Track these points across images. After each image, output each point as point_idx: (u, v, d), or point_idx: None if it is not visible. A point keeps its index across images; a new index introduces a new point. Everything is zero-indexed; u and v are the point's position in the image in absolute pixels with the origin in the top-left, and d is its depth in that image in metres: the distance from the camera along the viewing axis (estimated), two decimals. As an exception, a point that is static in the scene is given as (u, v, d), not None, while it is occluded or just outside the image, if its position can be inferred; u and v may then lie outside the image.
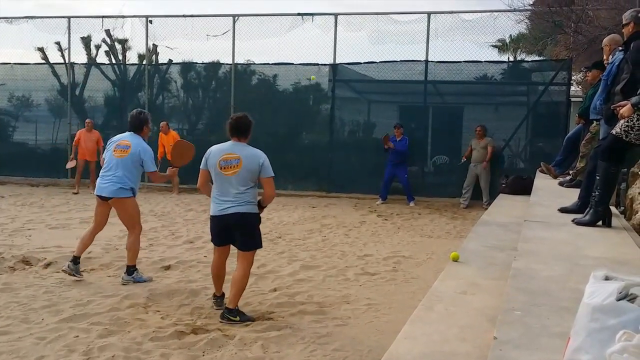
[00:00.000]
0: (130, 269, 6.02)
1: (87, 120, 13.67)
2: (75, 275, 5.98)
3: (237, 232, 5.02)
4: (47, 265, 6.55)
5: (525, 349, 2.15)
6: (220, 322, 4.83)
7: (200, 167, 5.06)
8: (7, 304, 5.15)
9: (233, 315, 4.86)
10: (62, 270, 5.99)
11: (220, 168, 4.89)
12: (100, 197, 6.09)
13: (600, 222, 4.61)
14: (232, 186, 4.89)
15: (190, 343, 4.33)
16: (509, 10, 12.46)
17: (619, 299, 1.74)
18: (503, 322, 2.43)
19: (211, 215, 5.06)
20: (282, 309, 5.24)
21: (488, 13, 12.74)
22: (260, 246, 5.21)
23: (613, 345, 1.60)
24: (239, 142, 4.99)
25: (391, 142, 12.47)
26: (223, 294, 5.24)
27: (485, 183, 12.31)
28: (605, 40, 6.34)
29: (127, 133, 6.19)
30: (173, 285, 5.89)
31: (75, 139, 13.41)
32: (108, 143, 6.26)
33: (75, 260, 6.04)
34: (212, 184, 5.03)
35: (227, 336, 4.49)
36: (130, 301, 5.31)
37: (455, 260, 4.50)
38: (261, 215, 5.23)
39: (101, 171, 6.12)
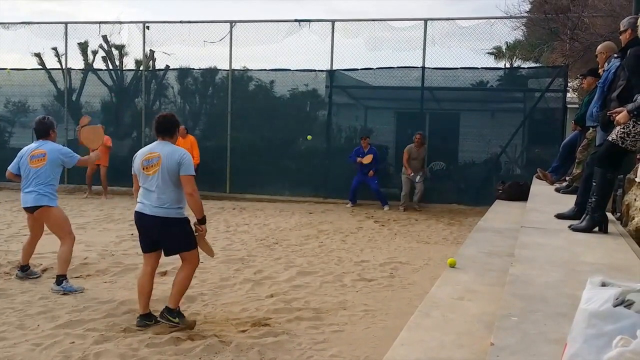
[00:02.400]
0: (60, 279, 5.82)
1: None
2: (30, 277, 6.18)
3: (160, 237, 4.82)
4: (43, 271, 6.53)
5: (522, 355, 2.15)
6: (160, 320, 4.77)
7: (132, 171, 4.92)
8: (2, 310, 5.13)
9: (172, 316, 4.75)
10: (15, 278, 6.16)
11: (143, 168, 4.75)
12: (26, 209, 6.08)
13: (596, 228, 4.61)
14: (154, 186, 4.68)
15: (187, 349, 4.32)
16: (505, 17, 12.53)
17: (615, 305, 1.74)
18: (500, 328, 2.42)
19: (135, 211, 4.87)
20: (279, 315, 5.22)
21: (484, 20, 12.78)
22: (194, 246, 4.88)
23: (610, 351, 1.60)
24: (162, 140, 4.83)
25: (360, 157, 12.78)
26: (149, 313, 4.90)
27: (419, 188, 12.51)
28: (600, 48, 6.37)
29: (36, 142, 6.13)
30: (169, 292, 5.85)
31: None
32: (18, 156, 6.12)
33: (23, 268, 6.22)
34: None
35: (223, 342, 4.48)
36: (127, 307, 5.29)
37: (452, 266, 4.50)
38: (201, 232, 4.89)
39: (21, 184, 6.06)
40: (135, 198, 4.93)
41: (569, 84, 13.39)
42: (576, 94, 15.03)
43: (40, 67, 16.08)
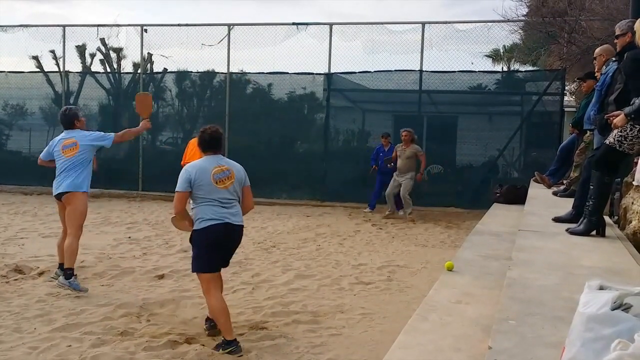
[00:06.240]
0: (68, 272, 5.82)
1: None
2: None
3: (235, 247, 4.75)
4: (40, 274, 6.50)
5: (520, 358, 2.15)
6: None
7: (179, 189, 4.50)
8: (-1, 313, 5.12)
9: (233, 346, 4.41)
10: (52, 278, 6.02)
11: (216, 182, 4.50)
12: (57, 197, 6.11)
13: (594, 232, 4.62)
14: (230, 198, 4.58)
15: (184, 352, 4.30)
16: (502, 21, 12.55)
17: (613, 309, 1.74)
18: (498, 331, 2.42)
19: (210, 225, 4.46)
20: (277, 319, 5.21)
21: (482, 23, 12.82)
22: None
23: (608, 354, 1.60)
24: (216, 154, 4.67)
25: (381, 154, 12.44)
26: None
27: (404, 191, 11.54)
28: (598, 50, 6.38)
29: (64, 132, 6.25)
30: (166, 295, 5.85)
31: None
32: (49, 145, 6.26)
33: (62, 266, 6.08)
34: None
35: (220, 346, 4.46)
36: (124, 310, 5.28)
37: (450, 269, 4.49)
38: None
39: (56, 173, 6.12)
40: (187, 220, 4.66)
41: (566, 87, 13.43)
42: (573, 97, 15.06)
43: (38, 70, 16.08)
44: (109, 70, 16.14)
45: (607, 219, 5.28)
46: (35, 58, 16.09)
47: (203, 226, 4.48)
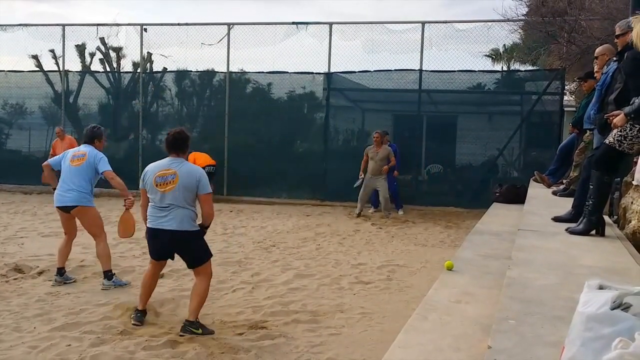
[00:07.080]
0: (109, 274, 6.14)
1: (57, 129, 13.18)
2: (67, 282, 6.18)
3: (177, 250, 4.86)
4: (40, 273, 6.51)
5: (519, 358, 2.15)
6: (181, 335, 4.61)
7: (139, 186, 4.90)
8: (-2, 313, 5.12)
9: (195, 327, 4.66)
10: (52, 285, 6.09)
11: (156, 185, 4.70)
12: (60, 209, 6.20)
13: (593, 231, 4.62)
14: (168, 203, 4.69)
15: (183, 352, 4.30)
16: (502, 21, 12.55)
17: (613, 308, 1.74)
18: (497, 331, 2.42)
19: (147, 228, 4.85)
20: (276, 318, 5.21)
21: (482, 23, 12.83)
22: (210, 255, 4.94)
23: (607, 353, 1.60)
24: (177, 157, 4.82)
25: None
26: (145, 310, 5.01)
27: (384, 193, 11.59)
28: (599, 50, 6.38)
29: (82, 145, 6.44)
30: (166, 294, 5.85)
31: (51, 152, 12.56)
32: (63, 155, 6.39)
33: (60, 271, 6.22)
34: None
35: (220, 345, 4.46)
36: (123, 309, 5.27)
37: (450, 269, 4.49)
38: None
39: (59, 182, 6.21)
40: (142, 216, 4.96)
41: (566, 87, 13.43)
42: (573, 96, 15.07)
43: (37, 69, 16.06)
44: (108, 69, 16.13)
45: (606, 218, 5.28)
46: (35, 57, 16.08)
47: (146, 227, 4.87)
